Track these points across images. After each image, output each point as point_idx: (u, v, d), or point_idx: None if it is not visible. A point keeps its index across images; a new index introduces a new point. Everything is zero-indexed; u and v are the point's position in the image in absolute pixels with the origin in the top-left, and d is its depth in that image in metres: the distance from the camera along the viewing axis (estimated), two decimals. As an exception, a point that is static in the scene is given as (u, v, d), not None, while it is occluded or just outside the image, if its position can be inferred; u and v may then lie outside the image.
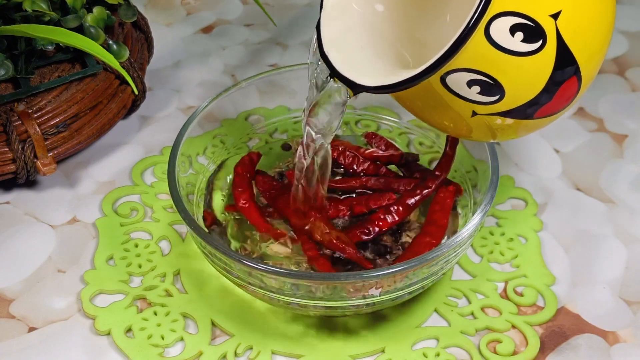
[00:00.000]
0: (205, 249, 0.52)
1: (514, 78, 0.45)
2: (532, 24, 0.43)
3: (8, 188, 0.65)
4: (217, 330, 0.56)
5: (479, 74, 0.45)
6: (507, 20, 0.43)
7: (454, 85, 0.46)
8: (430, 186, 0.57)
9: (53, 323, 0.56)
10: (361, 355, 0.54)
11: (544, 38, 0.44)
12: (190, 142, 0.58)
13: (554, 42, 0.44)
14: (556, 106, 0.47)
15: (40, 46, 0.64)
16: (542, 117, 0.48)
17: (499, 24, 0.43)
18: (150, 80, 0.74)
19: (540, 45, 0.44)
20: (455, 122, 0.49)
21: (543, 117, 0.48)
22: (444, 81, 0.46)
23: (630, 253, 0.60)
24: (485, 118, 0.47)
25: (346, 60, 0.49)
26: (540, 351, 0.54)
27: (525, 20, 0.43)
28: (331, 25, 0.50)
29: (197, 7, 0.84)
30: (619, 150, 0.68)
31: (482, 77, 0.45)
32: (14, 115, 0.62)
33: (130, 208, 0.63)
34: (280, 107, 0.66)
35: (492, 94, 0.46)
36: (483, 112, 0.47)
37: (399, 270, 0.49)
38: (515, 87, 0.45)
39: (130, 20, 0.68)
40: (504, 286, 0.58)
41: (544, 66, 0.45)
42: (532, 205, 0.63)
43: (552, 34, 0.44)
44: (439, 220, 0.55)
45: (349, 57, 0.49)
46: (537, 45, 0.44)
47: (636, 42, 0.79)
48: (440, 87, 0.46)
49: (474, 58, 0.44)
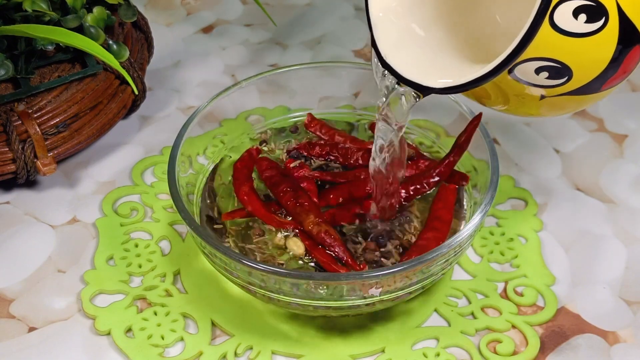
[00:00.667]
0: (205, 249, 0.52)
1: (581, 58, 0.46)
2: (594, 3, 0.44)
3: (8, 188, 0.65)
4: (217, 330, 0.56)
5: (547, 61, 0.45)
6: (570, 5, 0.44)
7: (522, 75, 0.46)
8: (426, 187, 0.57)
9: (53, 323, 0.56)
10: (361, 355, 0.54)
11: (606, 15, 0.44)
12: (190, 142, 0.58)
13: (616, 17, 0.45)
14: (622, 75, 0.48)
15: (40, 46, 0.64)
16: (608, 88, 0.48)
17: (563, 9, 0.44)
18: (150, 80, 0.74)
19: (603, 22, 0.44)
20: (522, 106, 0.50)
21: (609, 87, 0.48)
22: (512, 73, 0.46)
23: (630, 253, 0.60)
24: (553, 99, 0.48)
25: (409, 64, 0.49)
26: (540, 351, 0.54)
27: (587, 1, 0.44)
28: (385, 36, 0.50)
29: (197, 7, 0.84)
30: (619, 150, 0.68)
31: (550, 63, 0.45)
32: (14, 115, 0.62)
33: (130, 208, 0.63)
34: (280, 107, 0.66)
35: (561, 77, 0.46)
36: (551, 94, 0.47)
37: (399, 270, 0.49)
38: (582, 66, 0.46)
39: (130, 20, 0.68)
40: (504, 286, 0.58)
41: (609, 42, 0.45)
42: (532, 205, 0.63)
43: (614, 9, 0.44)
44: (443, 216, 0.56)
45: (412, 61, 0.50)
46: (600, 23, 0.44)
47: (636, 42, 0.79)
48: (508, 79, 0.47)
49: (540, 46, 0.44)
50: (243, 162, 0.60)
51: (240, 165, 0.60)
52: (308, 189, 0.57)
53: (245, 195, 0.57)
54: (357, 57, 0.77)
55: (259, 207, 0.56)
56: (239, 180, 0.58)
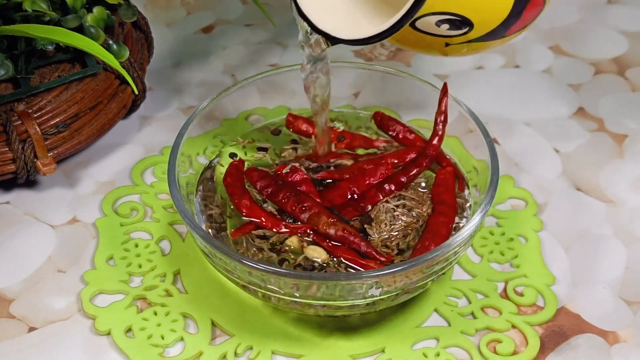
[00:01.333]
0: (205, 249, 0.52)
1: (479, 10, 0.45)
2: None
3: (8, 188, 0.65)
4: (217, 330, 0.56)
5: (446, 14, 0.45)
6: None
7: (424, 27, 0.47)
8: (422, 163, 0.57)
9: (53, 323, 0.56)
10: (361, 355, 0.54)
11: None
12: (190, 142, 0.58)
13: None
14: (526, 20, 0.48)
15: (40, 46, 0.64)
16: (513, 33, 0.48)
17: None
18: (150, 80, 0.74)
19: None
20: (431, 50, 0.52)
21: (515, 32, 0.48)
22: (414, 26, 0.47)
23: (630, 253, 0.60)
24: (459, 45, 0.49)
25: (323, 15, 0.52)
26: (540, 351, 0.54)
27: None
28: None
29: (197, 7, 0.84)
30: (619, 150, 0.68)
31: (450, 16, 0.45)
32: (14, 115, 0.62)
33: (130, 208, 0.63)
34: (280, 107, 0.66)
35: (462, 27, 0.46)
36: (456, 42, 0.48)
37: (399, 270, 0.49)
38: (482, 17, 0.46)
39: (130, 20, 0.68)
40: (504, 286, 0.58)
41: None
42: (532, 205, 0.63)
43: None
44: (447, 200, 0.56)
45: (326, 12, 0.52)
46: None
47: (636, 42, 0.79)
48: (412, 30, 0.47)
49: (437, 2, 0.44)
50: (232, 176, 0.59)
51: (231, 180, 0.58)
52: (308, 192, 0.57)
53: (247, 209, 0.56)
54: (357, 57, 0.77)
55: (266, 218, 0.55)
56: (235, 196, 0.57)
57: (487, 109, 0.71)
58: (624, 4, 0.83)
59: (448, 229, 0.55)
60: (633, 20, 0.81)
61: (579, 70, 0.75)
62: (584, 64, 0.76)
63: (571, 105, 0.72)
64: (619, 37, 0.79)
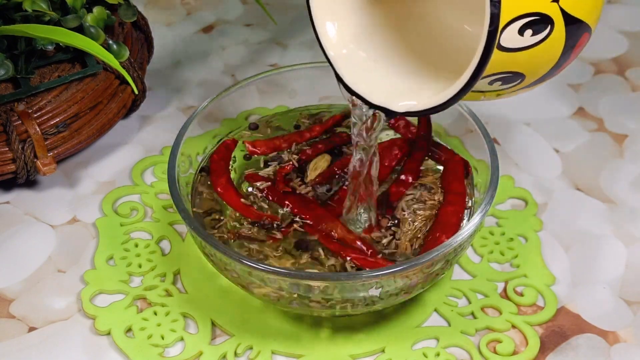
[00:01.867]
0: (205, 249, 0.52)
1: (532, 64, 0.45)
2: (538, 17, 0.43)
3: (8, 188, 0.65)
4: (217, 330, 0.56)
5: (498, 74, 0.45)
6: (514, 26, 0.43)
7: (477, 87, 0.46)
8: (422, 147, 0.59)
9: (53, 323, 0.56)
10: (361, 355, 0.54)
11: (551, 23, 0.44)
12: (190, 142, 0.58)
13: (561, 20, 0.44)
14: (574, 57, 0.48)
15: (40, 46, 0.64)
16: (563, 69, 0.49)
17: (508, 33, 0.43)
18: (150, 80, 0.74)
19: (549, 29, 0.44)
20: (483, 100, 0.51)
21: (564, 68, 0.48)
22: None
23: (630, 253, 0.60)
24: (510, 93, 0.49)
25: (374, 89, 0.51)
26: (540, 351, 0.54)
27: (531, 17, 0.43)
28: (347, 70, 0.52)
29: (197, 7, 0.84)
30: (619, 150, 0.68)
31: (501, 75, 0.45)
32: (14, 115, 0.62)
33: (130, 208, 0.63)
34: (280, 107, 0.66)
35: (514, 81, 0.46)
36: (508, 92, 0.48)
37: (399, 270, 0.49)
38: (534, 69, 0.46)
39: (130, 20, 0.68)
40: (504, 286, 0.58)
41: (558, 42, 0.45)
42: (532, 205, 0.63)
43: (558, 15, 0.44)
44: (457, 189, 0.56)
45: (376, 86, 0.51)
46: (547, 31, 0.44)
47: (636, 42, 0.79)
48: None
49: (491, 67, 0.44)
50: (220, 154, 0.59)
51: (217, 157, 0.59)
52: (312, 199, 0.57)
53: (222, 188, 0.57)
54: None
55: (235, 200, 0.56)
56: (215, 173, 0.58)
57: (487, 109, 0.71)
58: (624, 4, 0.83)
59: (458, 217, 0.55)
60: (633, 20, 0.81)
61: (578, 70, 0.75)
62: (583, 63, 0.76)
63: (571, 105, 0.72)
64: (619, 37, 0.79)
